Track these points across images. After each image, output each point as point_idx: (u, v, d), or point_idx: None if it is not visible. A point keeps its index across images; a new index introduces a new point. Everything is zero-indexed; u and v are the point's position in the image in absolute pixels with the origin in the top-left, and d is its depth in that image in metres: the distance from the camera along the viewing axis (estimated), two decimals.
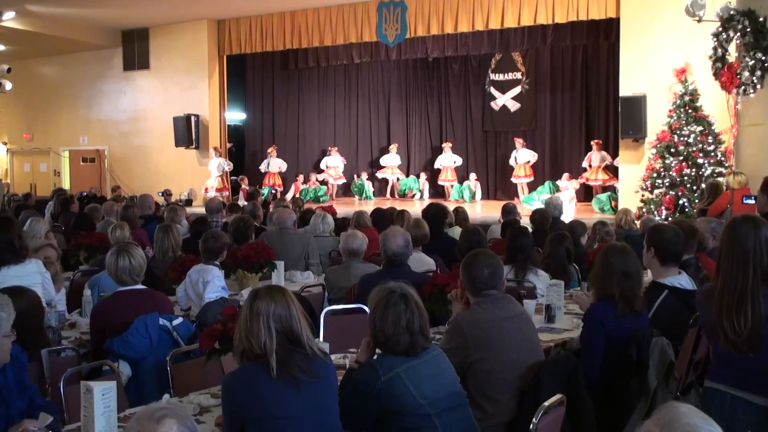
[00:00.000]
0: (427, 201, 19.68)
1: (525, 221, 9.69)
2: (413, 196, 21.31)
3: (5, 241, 5.43)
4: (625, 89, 14.93)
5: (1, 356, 3.36)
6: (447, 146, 20.88)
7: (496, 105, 21.36)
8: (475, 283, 4.22)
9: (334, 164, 21.77)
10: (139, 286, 5.17)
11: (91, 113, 22.91)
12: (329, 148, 22.11)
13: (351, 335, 5.15)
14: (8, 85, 19.46)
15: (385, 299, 3.54)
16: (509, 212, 10.12)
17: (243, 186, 20.33)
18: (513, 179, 19.73)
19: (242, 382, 3.25)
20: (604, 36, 17.21)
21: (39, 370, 4.43)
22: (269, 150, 21.63)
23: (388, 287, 3.60)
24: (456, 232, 8.86)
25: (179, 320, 5.02)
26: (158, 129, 21.14)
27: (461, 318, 4.23)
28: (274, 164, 21.32)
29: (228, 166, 20.21)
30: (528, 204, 17.33)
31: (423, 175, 21.66)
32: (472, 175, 20.74)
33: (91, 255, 8.18)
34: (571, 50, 19.94)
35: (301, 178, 21.54)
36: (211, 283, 5.95)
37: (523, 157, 19.40)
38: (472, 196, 20.23)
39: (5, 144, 24.97)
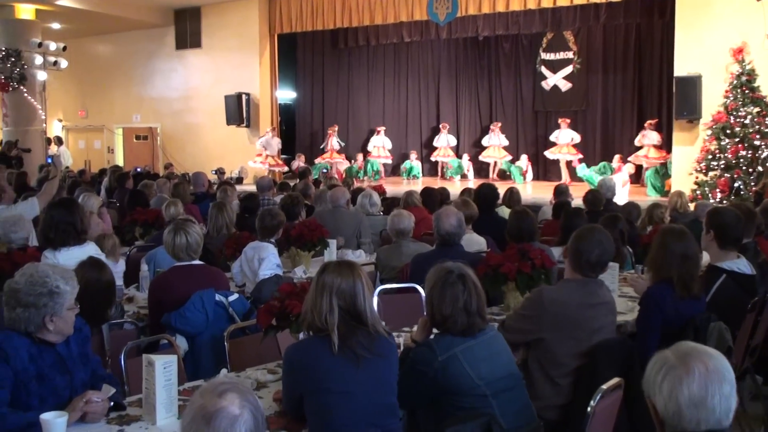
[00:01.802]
0: (472, 181, 19.60)
1: (576, 203, 9.61)
2: (463, 176, 21.21)
3: (68, 222, 5.52)
4: (680, 69, 14.67)
5: (66, 329, 3.44)
6: (495, 126, 20.72)
7: (546, 85, 21.14)
8: (580, 260, 4.14)
9: (381, 144, 21.74)
10: (197, 262, 5.24)
11: (143, 91, 23.18)
12: (376, 128, 22.10)
13: (404, 314, 5.18)
14: (63, 63, 19.73)
15: (443, 279, 3.54)
16: (561, 193, 10.03)
17: (298, 164, 20.39)
18: (548, 153, 19.52)
19: (303, 354, 3.31)
20: (658, 14, 16.93)
21: (99, 342, 4.53)
22: (330, 131, 21.64)
23: (446, 267, 3.60)
24: (506, 212, 8.81)
25: (235, 296, 5.08)
26: (209, 107, 21.31)
27: (546, 292, 4.16)
28: (335, 143, 21.36)
29: (269, 145, 20.21)
30: (585, 175, 17.17)
31: (466, 156, 21.52)
32: (524, 156, 20.58)
33: (146, 231, 8.31)
34: (624, 29, 19.61)
35: (342, 157, 21.57)
36: (266, 260, 6.02)
37: (564, 137, 19.20)
38: (523, 176, 20.07)
39: (61, 121, 25.38)
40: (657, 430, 2.30)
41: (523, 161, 20.46)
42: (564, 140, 19.09)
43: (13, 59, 18.45)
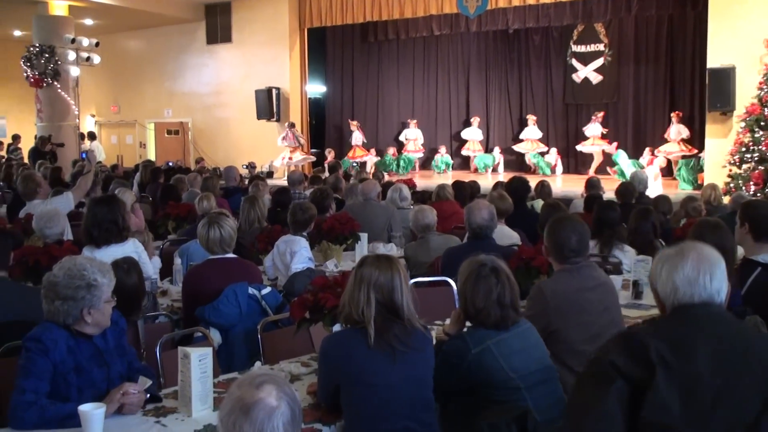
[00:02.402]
0: (502, 175, 19.54)
1: (608, 196, 9.54)
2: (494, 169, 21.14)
3: (110, 221, 5.51)
4: (713, 61, 14.50)
5: (103, 321, 3.48)
6: (531, 119, 20.61)
7: (577, 77, 21.01)
8: (562, 250, 4.19)
9: (413, 137, 21.72)
10: (230, 255, 5.28)
11: (175, 86, 23.34)
12: (408, 121, 22.07)
13: (435, 308, 5.18)
14: (96, 59, 19.91)
15: (476, 272, 3.55)
16: (593, 186, 9.98)
17: (329, 158, 20.43)
18: (580, 147, 19.39)
19: (339, 346, 3.34)
20: (691, 5, 16.75)
21: (134, 335, 4.58)
22: (352, 125, 21.66)
23: (479, 260, 3.60)
24: (538, 205, 8.78)
25: (268, 290, 5.12)
26: (240, 102, 21.41)
27: (544, 285, 4.23)
28: (357, 137, 21.36)
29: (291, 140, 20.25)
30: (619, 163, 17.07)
31: (497, 149, 21.44)
32: (553, 150, 20.49)
33: (179, 225, 8.38)
34: (655, 20, 19.44)
35: (373, 152, 21.58)
36: (298, 253, 6.05)
37: (593, 130, 19.09)
38: (551, 170, 19.98)
39: (93, 116, 25.63)
40: (660, 312, 2.63)
41: (552, 154, 20.35)
42: (591, 133, 19.00)
43: (47, 55, 18.63)
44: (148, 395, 3.43)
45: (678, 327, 2.45)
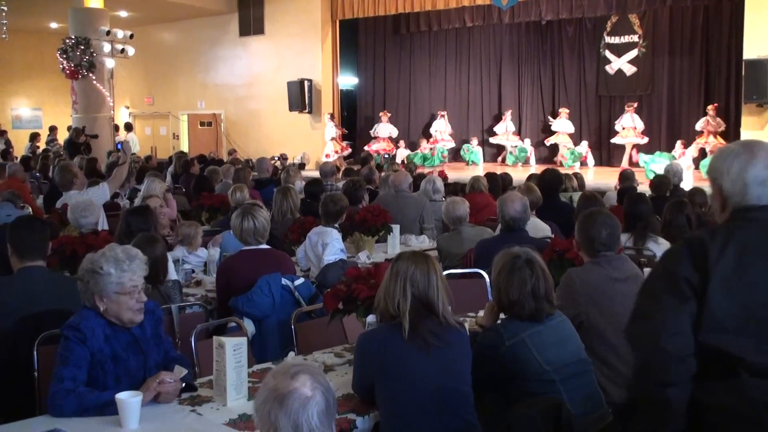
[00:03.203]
0: (534, 167, 19.46)
1: (642, 188, 9.47)
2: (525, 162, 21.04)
3: (143, 230, 5.36)
4: (750, 52, 14.33)
5: (120, 313, 3.47)
6: (563, 111, 20.48)
7: (611, 69, 20.80)
8: (593, 244, 4.19)
9: (442, 128, 21.68)
10: (263, 246, 5.31)
11: (208, 78, 23.48)
12: (438, 113, 22.03)
13: (468, 300, 5.18)
14: (131, 51, 20.07)
15: (510, 264, 3.55)
16: (627, 178, 9.89)
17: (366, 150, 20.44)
18: (615, 140, 19.26)
19: (375, 342, 3.36)
20: None
21: (169, 324, 4.62)
22: (381, 115, 21.68)
23: (513, 252, 3.60)
24: (575, 197, 8.72)
25: (301, 281, 5.15)
26: (272, 93, 21.49)
27: (574, 275, 4.22)
28: (384, 129, 21.34)
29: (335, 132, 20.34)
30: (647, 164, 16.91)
31: (528, 141, 21.32)
32: (584, 143, 20.33)
33: (213, 215, 8.44)
34: (691, 11, 19.20)
35: (402, 144, 21.56)
36: (330, 245, 6.07)
37: (627, 122, 18.92)
38: (581, 162, 19.84)
39: (128, 108, 25.86)
40: (718, 211, 2.56)
41: (583, 147, 20.20)
42: (627, 125, 18.84)
43: (82, 47, 18.81)
44: (184, 384, 3.46)
45: (741, 231, 2.37)
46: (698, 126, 17.23)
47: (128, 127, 22.60)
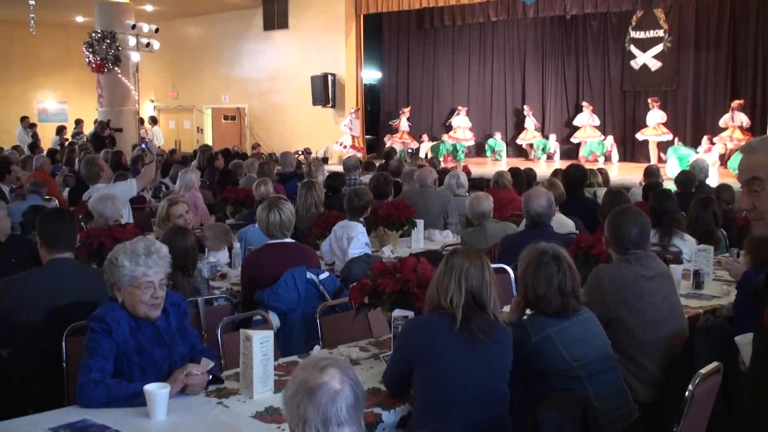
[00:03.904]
0: (558, 162, 19.38)
1: (667, 184, 9.40)
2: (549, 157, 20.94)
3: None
4: None
5: (135, 306, 3.48)
6: (587, 106, 20.36)
7: (636, 64, 20.65)
8: (623, 242, 4.16)
9: (462, 124, 21.62)
10: (288, 240, 5.33)
11: (232, 72, 23.56)
12: (458, 108, 21.98)
13: None
14: (156, 45, 20.18)
15: (537, 259, 3.54)
16: (652, 174, 9.84)
17: (387, 145, 20.42)
18: (639, 135, 19.14)
19: (423, 326, 3.39)
20: None
21: (195, 317, 4.65)
22: (403, 110, 21.65)
23: (540, 247, 3.60)
24: (600, 193, 8.68)
25: (325, 274, 5.16)
26: (296, 88, 21.54)
27: (602, 272, 4.19)
28: (404, 124, 21.33)
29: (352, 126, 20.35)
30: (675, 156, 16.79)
31: (553, 137, 21.22)
32: (609, 138, 20.21)
33: (237, 209, 8.48)
34: (717, 6, 19.03)
35: (425, 137, 21.52)
36: (355, 239, 6.09)
37: (652, 118, 18.78)
38: (606, 157, 19.72)
39: (152, 102, 26.01)
40: None
41: (608, 142, 20.07)
42: (652, 121, 18.70)
43: (108, 41, 18.95)
44: (211, 376, 3.48)
45: None
46: (721, 122, 17.06)
47: (153, 121, 22.73)
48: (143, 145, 14.29)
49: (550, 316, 3.49)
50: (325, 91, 20.70)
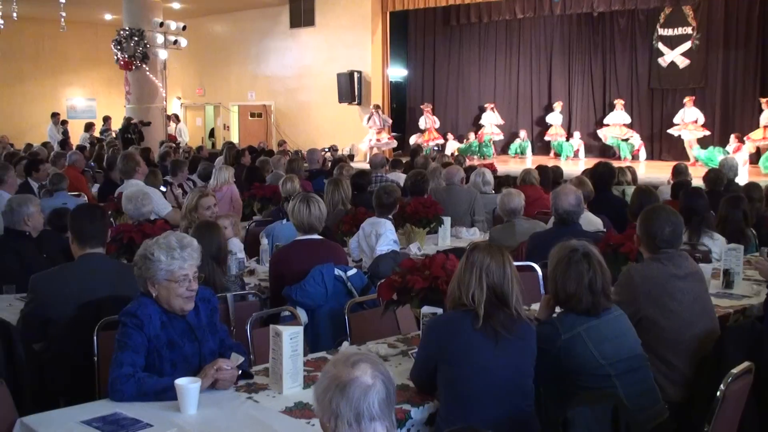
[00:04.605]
0: (583, 160, 19.29)
1: (695, 183, 9.32)
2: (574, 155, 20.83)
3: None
4: None
5: (171, 301, 3.51)
6: (619, 103, 20.21)
7: (663, 61, 20.47)
8: (655, 240, 4.14)
9: (492, 121, 21.56)
10: (316, 236, 5.34)
11: (258, 69, 23.66)
12: (486, 105, 21.92)
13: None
14: (183, 42, 20.31)
15: (567, 257, 3.52)
16: (680, 173, 9.75)
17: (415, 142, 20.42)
18: (673, 131, 18.99)
19: (446, 324, 3.38)
20: None
21: (225, 312, 4.68)
22: (425, 107, 21.62)
23: (571, 245, 3.58)
24: (629, 191, 8.64)
25: (353, 271, 5.17)
26: (322, 85, 21.59)
27: (634, 271, 4.17)
28: (428, 121, 21.30)
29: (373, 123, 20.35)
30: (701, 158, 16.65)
31: (578, 134, 21.10)
32: (636, 135, 20.06)
33: (264, 206, 8.51)
34: (746, 3, 18.83)
35: (451, 136, 21.48)
36: (383, 236, 6.09)
37: (690, 115, 18.61)
38: (633, 155, 19.58)
39: (179, 99, 26.17)
40: None
41: (636, 140, 19.92)
42: (690, 118, 18.54)
43: (136, 39, 19.10)
44: (240, 371, 3.50)
45: None
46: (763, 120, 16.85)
47: (176, 119, 22.87)
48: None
49: (580, 314, 3.47)
50: (351, 89, 20.73)
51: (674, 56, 20.25)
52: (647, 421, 3.41)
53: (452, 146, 20.88)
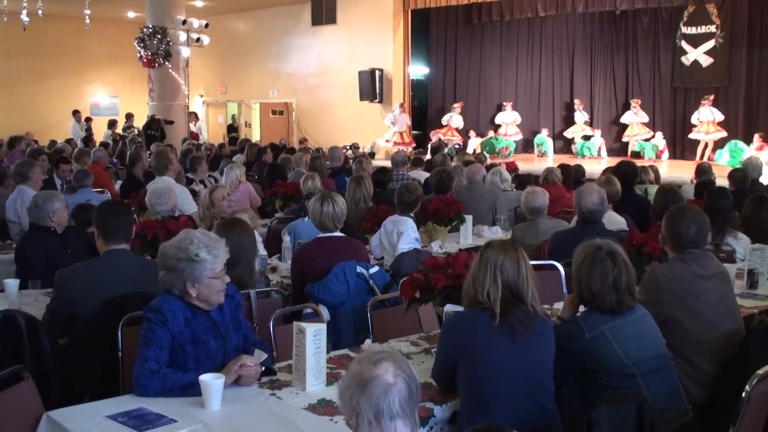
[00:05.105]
0: (605, 159, 19.19)
1: (719, 182, 9.25)
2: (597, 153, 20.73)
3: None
4: None
5: (210, 297, 3.53)
6: (635, 103, 20.11)
7: (686, 60, 20.31)
8: (680, 239, 4.12)
9: (509, 120, 21.49)
10: (338, 234, 5.35)
11: (280, 67, 23.72)
12: (504, 103, 21.85)
13: (542, 291, 5.12)
14: (206, 40, 20.38)
15: (592, 255, 3.51)
16: (704, 172, 9.70)
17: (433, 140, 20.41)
18: (692, 135, 18.85)
19: (463, 323, 3.38)
20: None
21: (247, 309, 4.69)
22: (455, 105, 21.60)
23: (595, 243, 3.57)
24: (652, 190, 8.59)
25: (375, 269, 5.17)
26: (343, 83, 21.61)
27: (659, 271, 4.15)
28: (456, 120, 21.28)
29: (397, 121, 20.36)
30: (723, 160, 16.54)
31: (598, 133, 20.98)
32: (659, 134, 19.94)
33: (286, 203, 8.54)
34: None
35: (473, 133, 21.45)
36: (405, 234, 6.10)
37: (706, 115, 18.48)
38: (658, 155, 19.46)
39: (202, 96, 26.28)
40: None
41: (660, 141, 19.80)
42: (705, 118, 18.40)
43: (159, 36, 19.16)
44: (263, 368, 3.51)
45: None
46: None
47: (195, 117, 22.96)
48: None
49: (604, 313, 3.46)
50: (372, 87, 20.74)
51: (697, 55, 20.09)
52: (672, 421, 3.40)
53: (474, 143, 20.83)
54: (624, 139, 20.42)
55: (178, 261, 3.47)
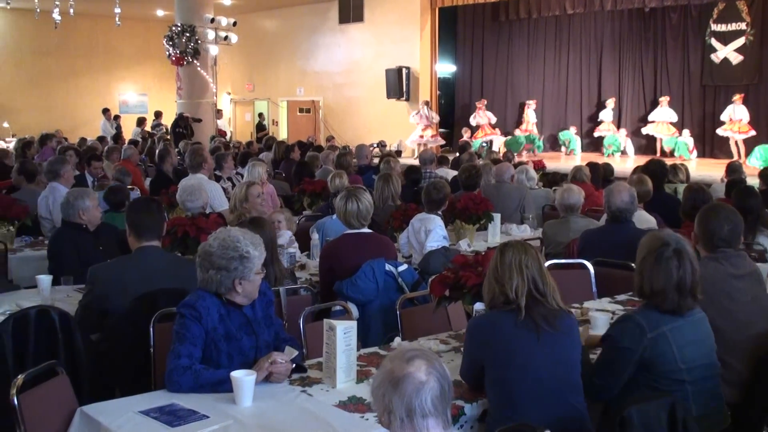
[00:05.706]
0: (632, 158, 19.05)
1: (750, 182, 9.17)
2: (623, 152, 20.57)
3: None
4: None
5: (253, 292, 3.60)
6: (664, 100, 19.95)
7: (716, 57, 20.09)
8: (713, 238, 4.05)
9: (531, 119, 21.39)
10: (366, 230, 5.36)
11: (307, 65, 23.78)
12: (526, 102, 21.76)
13: (569, 291, 5.11)
14: (234, 38, 20.48)
15: (657, 252, 3.40)
16: (734, 171, 9.61)
17: (464, 138, 20.40)
18: (720, 131, 18.66)
19: (487, 324, 3.36)
20: None
21: (277, 306, 4.71)
22: (477, 104, 21.56)
23: (662, 239, 3.45)
24: (674, 189, 8.54)
25: (404, 267, 5.18)
26: (370, 81, 21.63)
27: None
28: (482, 117, 21.21)
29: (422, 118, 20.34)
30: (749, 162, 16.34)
31: (624, 131, 20.79)
32: (686, 132, 19.74)
33: (314, 201, 8.57)
34: None
35: (498, 131, 21.37)
36: (433, 232, 6.09)
37: (739, 113, 18.27)
38: (690, 153, 19.28)
39: (229, 94, 26.42)
40: None
41: (689, 140, 19.61)
42: (738, 116, 18.21)
43: (187, 34, 19.30)
44: (294, 365, 3.53)
45: None
46: None
47: (219, 115, 23.08)
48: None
49: (664, 313, 3.36)
50: (399, 85, 20.74)
51: (727, 52, 19.87)
52: (710, 427, 3.36)
53: (499, 141, 20.74)
54: (650, 134, 20.21)
55: (230, 260, 3.50)
